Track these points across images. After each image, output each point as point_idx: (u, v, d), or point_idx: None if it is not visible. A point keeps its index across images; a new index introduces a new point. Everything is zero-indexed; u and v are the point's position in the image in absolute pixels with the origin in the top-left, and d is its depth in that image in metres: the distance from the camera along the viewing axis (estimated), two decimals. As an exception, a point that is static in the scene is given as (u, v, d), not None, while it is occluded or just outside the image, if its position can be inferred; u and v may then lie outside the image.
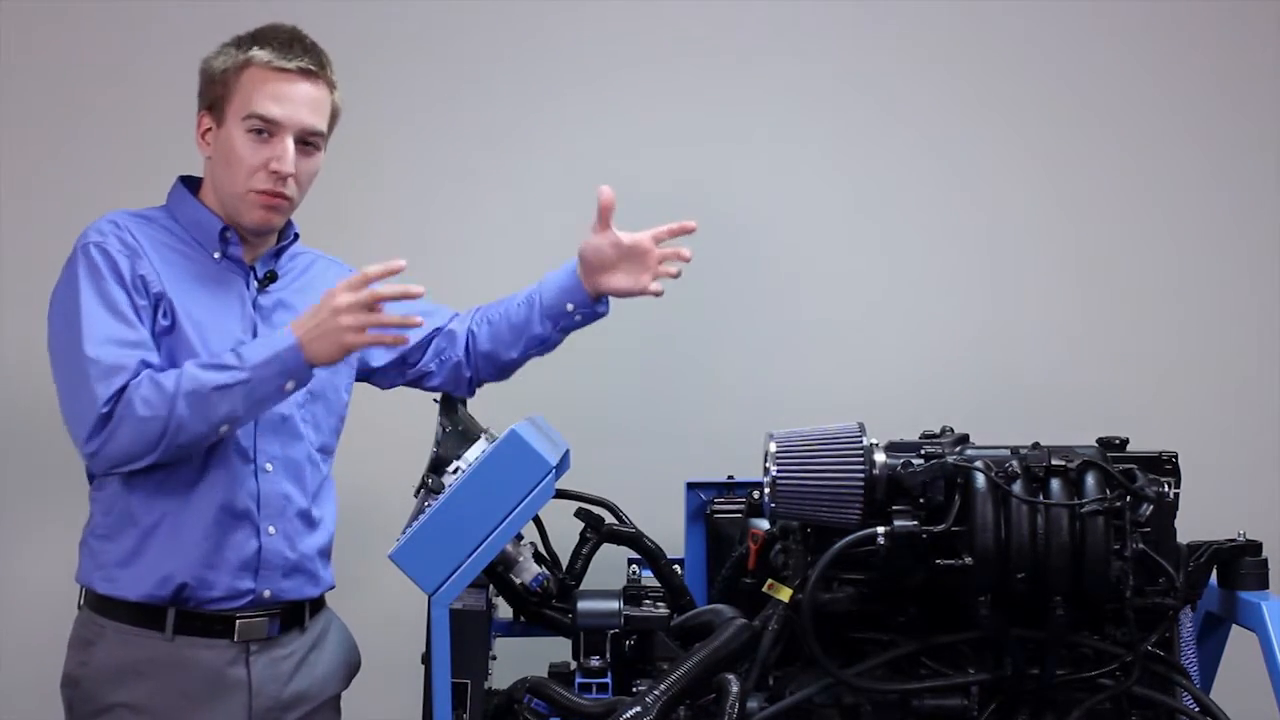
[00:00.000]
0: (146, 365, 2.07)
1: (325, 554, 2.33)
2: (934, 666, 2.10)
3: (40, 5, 3.03)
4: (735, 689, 1.96)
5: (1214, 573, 2.22)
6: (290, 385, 2.07)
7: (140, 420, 2.01)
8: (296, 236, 2.33)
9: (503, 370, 2.46)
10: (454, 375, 2.44)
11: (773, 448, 2.09)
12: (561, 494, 2.34)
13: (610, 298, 2.40)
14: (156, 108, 3.02)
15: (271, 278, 2.26)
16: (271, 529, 2.19)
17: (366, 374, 2.44)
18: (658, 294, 2.37)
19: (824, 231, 3.11)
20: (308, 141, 2.19)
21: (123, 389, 2.02)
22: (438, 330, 2.45)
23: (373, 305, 2.04)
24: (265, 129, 2.14)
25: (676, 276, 2.39)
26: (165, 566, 2.12)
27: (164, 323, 2.13)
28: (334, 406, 2.33)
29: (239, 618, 2.16)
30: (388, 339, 2.10)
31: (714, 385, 3.08)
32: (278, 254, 2.29)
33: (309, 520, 2.27)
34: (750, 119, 3.10)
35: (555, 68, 3.09)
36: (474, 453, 2.19)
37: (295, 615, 2.25)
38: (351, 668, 2.40)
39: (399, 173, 3.06)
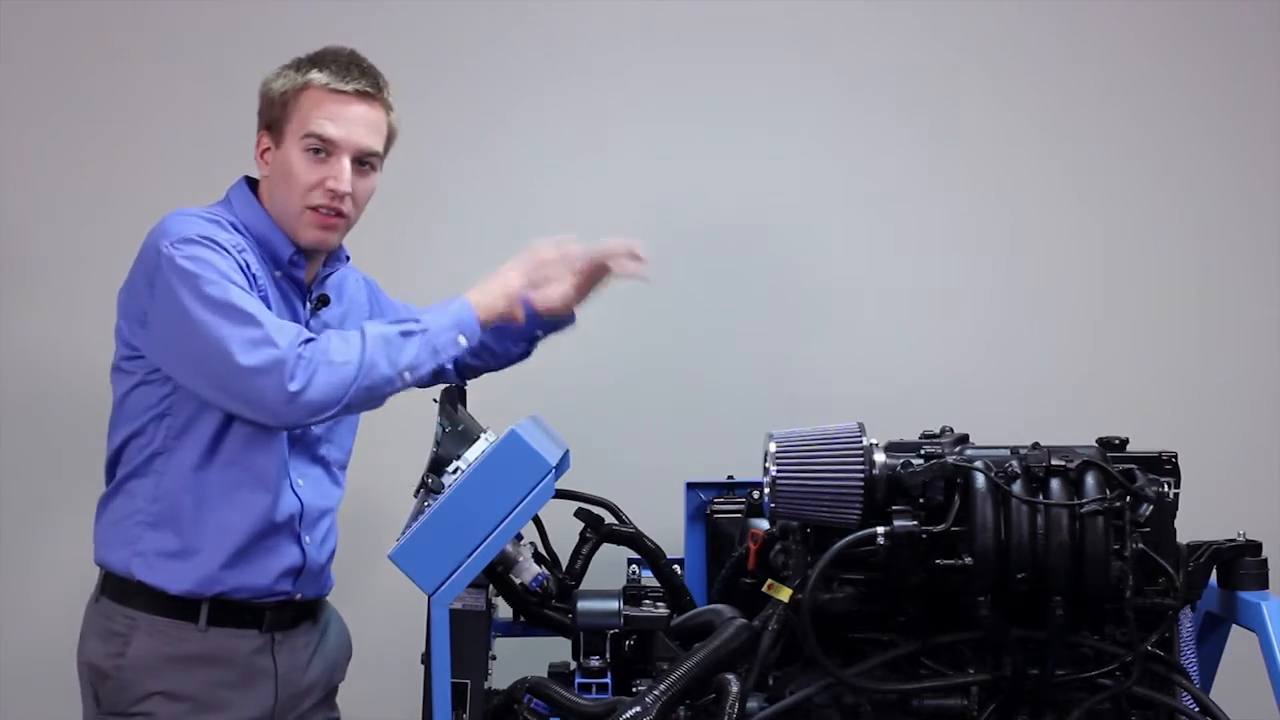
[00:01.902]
0: (310, 337, 2.09)
1: (333, 555, 2.41)
2: (934, 666, 2.10)
3: (40, 5, 3.03)
4: (735, 689, 1.96)
5: (1214, 573, 2.22)
6: (462, 339, 2.17)
7: (335, 366, 2.04)
8: (348, 259, 2.38)
9: (481, 373, 2.57)
10: (442, 379, 2.48)
11: (773, 448, 2.09)
12: (561, 494, 2.34)
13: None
14: (156, 107, 3.03)
15: (325, 301, 2.32)
16: (308, 538, 2.27)
17: None
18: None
19: (824, 231, 3.11)
20: (364, 161, 2.23)
21: (305, 340, 2.05)
22: None
23: (542, 264, 2.27)
24: (323, 148, 2.19)
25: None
26: (210, 567, 2.16)
27: None
28: (351, 424, 2.41)
29: (268, 609, 2.23)
30: (550, 294, 2.28)
31: (714, 385, 3.08)
32: (326, 277, 2.34)
33: (330, 531, 2.36)
34: (755, 118, 3.09)
35: (552, 67, 3.09)
36: (474, 453, 2.19)
37: (309, 608, 2.33)
38: (349, 658, 2.47)
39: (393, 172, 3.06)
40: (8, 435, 3.01)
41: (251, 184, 2.28)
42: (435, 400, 2.31)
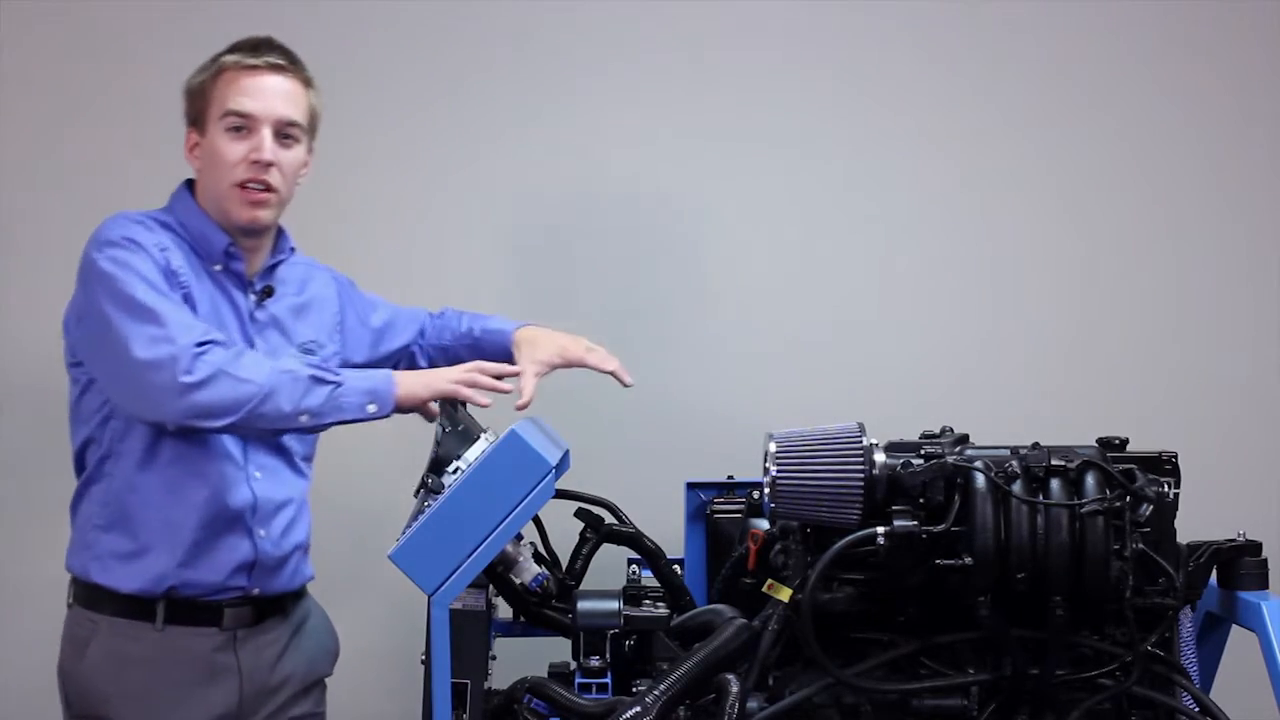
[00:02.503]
0: (223, 342, 2.13)
1: (305, 549, 2.41)
2: (934, 666, 2.10)
3: (40, 5, 3.04)
4: (735, 689, 1.96)
5: (1214, 573, 2.22)
6: (372, 407, 2.15)
7: (239, 381, 2.06)
8: (293, 250, 2.40)
9: None
10: None
11: (773, 448, 2.09)
12: (561, 494, 2.34)
13: None
14: (157, 106, 3.03)
15: (268, 292, 2.32)
16: (263, 532, 2.27)
17: None
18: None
19: (824, 232, 3.11)
20: (286, 134, 2.25)
21: (210, 340, 2.08)
22: (404, 349, 2.55)
23: (475, 379, 2.21)
24: (242, 124, 2.22)
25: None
26: (161, 565, 2.19)
27: None
28: None
29: (226, 606, 2.24)
30: (479, 399, 2.21)
31: (714, 385, 3.08)
32: (273, 268, 2.35)
33: (293, 522, 2.34)
34: (749, 121, 3.09)
35: (548, 67, 3.08)
36: (474, 453, 2.19)
37: (278, 604, 2.33)
38: (333, 653, 2.47)
39: (379, 171, 3.06)
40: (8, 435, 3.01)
41: (191, 186, 2.32)
42: (435, 400, 2.31)
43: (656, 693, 1.96)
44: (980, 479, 2.01)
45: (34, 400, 2.97)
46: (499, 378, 2.23)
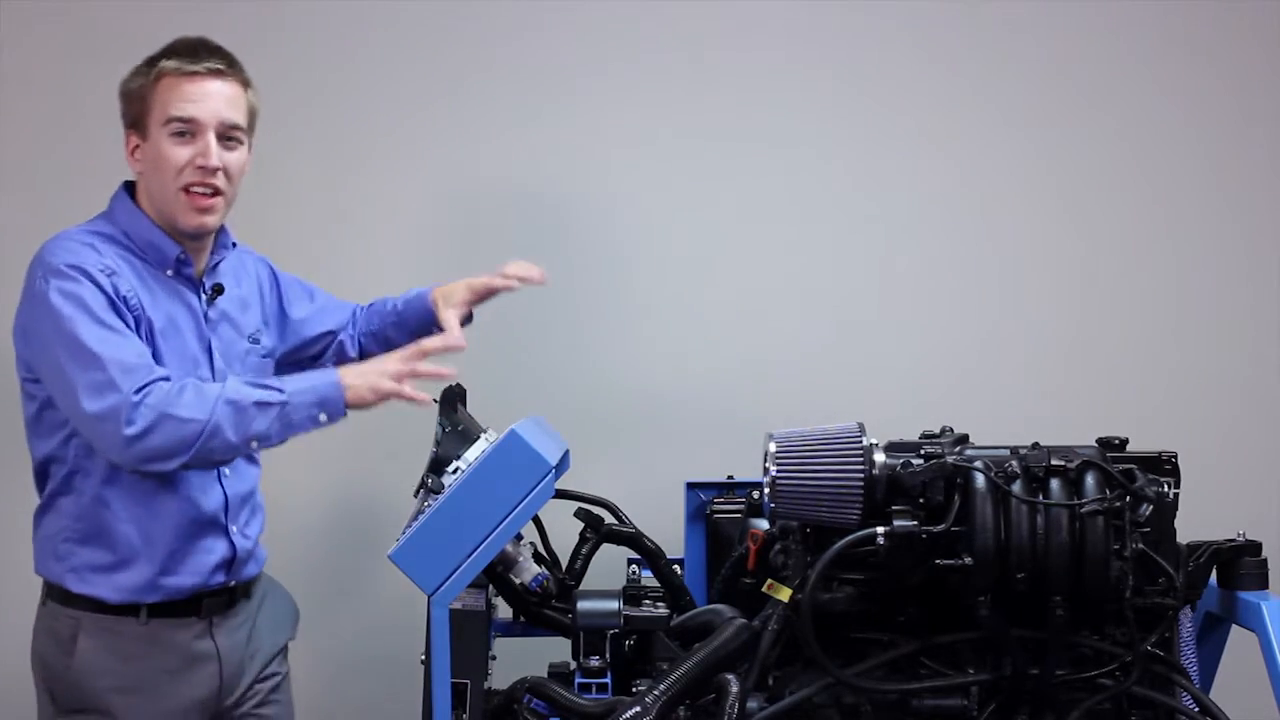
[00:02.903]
0: (164, 378, 2.12)
1: (261, 531, 2.45)
2: (934, 666, 2.10)
3: (40, 5, 3.04)
4: (735, 689, 1.96)
5: (1214, 573, 2.22)
6: (323, 417, 2.15)
7: (181, 422, 2.07)
8: (234, 245, 2.41)
9: None
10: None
11: (773, 448, 2.09)
12: (561, 494, 2.34)
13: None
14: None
15: (219, 290, 2.35)
16: (234, 528, 2.32)
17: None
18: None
19: (824, 232, 3.11)
20: (229, 137, 2.26)
21: (150, 383, 2.08)
22: (332, 335, 2.55)
23: (415, 369, 2.19)
24: (186, 129, 2.23)
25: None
26: (144, 575, 2.22)
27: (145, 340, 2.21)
28: None
29: (205, 598, 2.29)
30: (417, 397, 2.19)
31: (714, 385, 3.08)
32: (217, 265, 2.36)
33: (254, 511, 2.40)
34: (749, 121, 3.09)
35: (548, 67, 3.08)
36: (474, 453, 2.19)
37: (244, 589, 2.38)
38: (293, 617, 2.52)
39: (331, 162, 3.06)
40: None
41: (130, 189, 2.31)
42: (435, 400, 2.31)
43: (656, 693, 1.96)
44: (980, 479, 2.01)
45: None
46: (432, 355, 2.22)
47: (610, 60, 3.08)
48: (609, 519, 2.46)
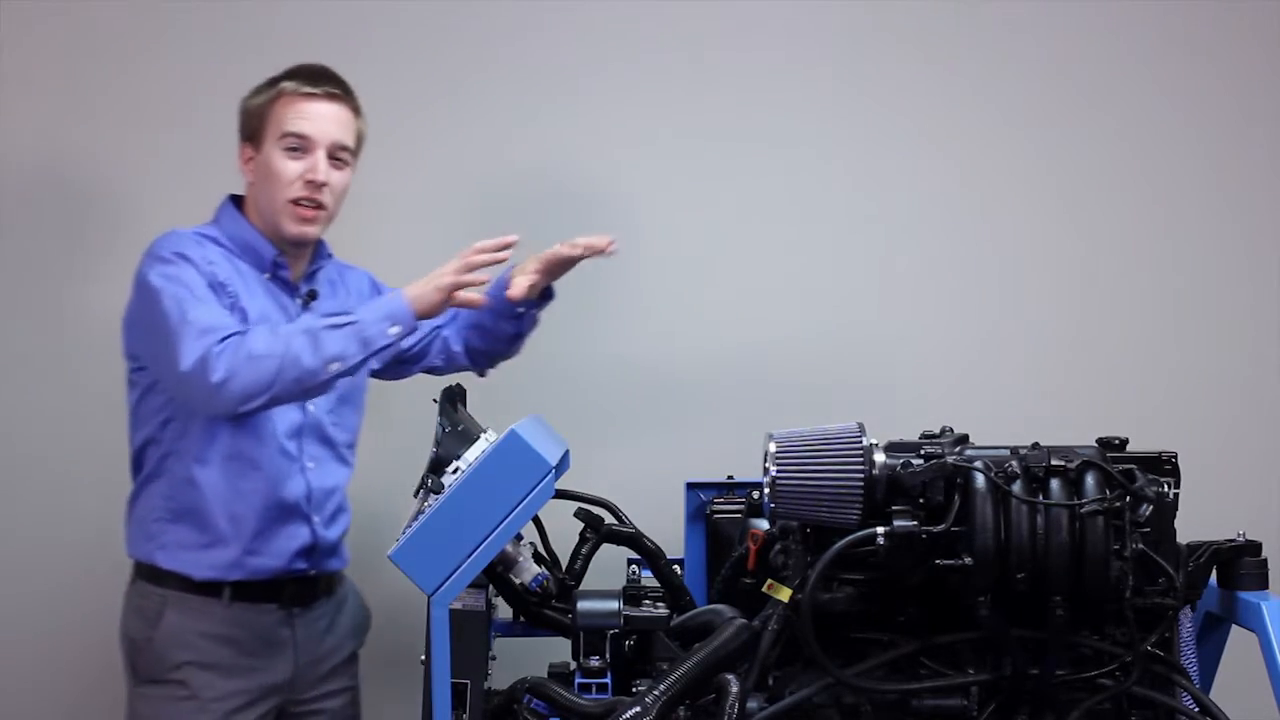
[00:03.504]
0: (240, 331, 2.26)
1: (347, 534, 2.58)
2: (934, 666, 2.10)
3: (40, 5, 3.03)
4: (735, 689, 1.96)
5: (1214, 573, 2.22)
6: (395, 329, 2.27)
7: (258, 359, 2.20)
8: (330, 256, 2.57)
9: (497, 358, 2.67)
10: (456, 364, 2.65)
11: (773, 448, 2.09)
12: (561, 494, 2.34)
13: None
14: (157, 106, 3.03)
15: (313, 295, 2.50)
16: (317, 518, 2.44)
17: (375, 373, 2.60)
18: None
19: (824, 232, 3.11)
20: (337, 157, 2.43)
21: (228, 336, 2.22)
22: (437, 330, 2.63)
23: (472, 266, 2.32)
24: (299, 145, 2.40)
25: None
26: (230, 554, 2.37)
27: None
28: (358, 407, 2.57)
29: (286, 585, 2.43)
30: (474, 298, 2.34)
31: (714, 385, 3.08)
32: (314, 274, 2.52)
33: (342, 508, 2.53)
34: (749, 121, 3.09)
35: (548, 67, 3.08)
36: (474, 453, 2.19)
37: (327, 583, 2.51)
38: (365, 627, 2.64)
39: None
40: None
41: (236, 200, 2.49)
42: (435, 400, 2.31)
43: (656, 693, 1.96)
44: (980, 479, 2.01)
45: (24, 396, 2.99)
46: (484, 252, 2.32)
47: (610, 60, 3.09)
48: (609, 519, 2.46)
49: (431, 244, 2.99)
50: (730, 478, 2.57)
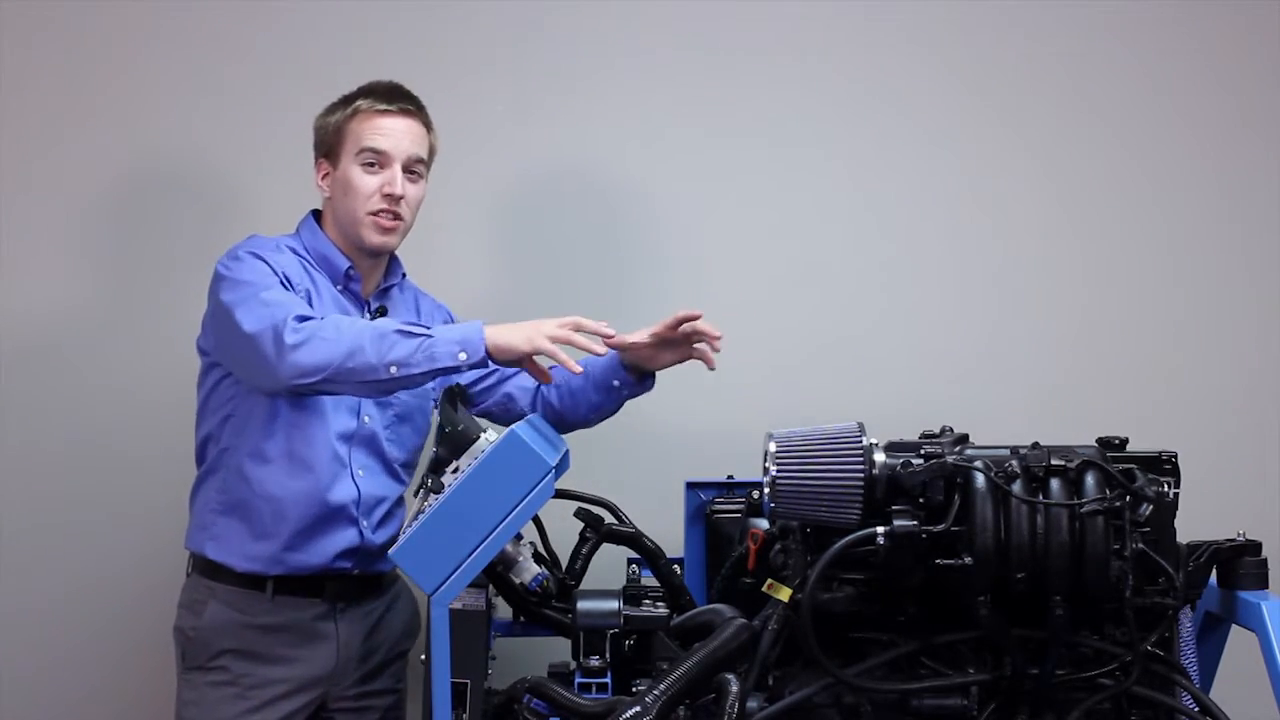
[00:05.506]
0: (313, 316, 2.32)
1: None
2: (934, 666, 2.10)
3: (40, 5, 3.03)
4: (735, 689, 1.96)
5: (1214, 572, 2.22)
6: (463, 355, 2.25)
7: (327, 340, 2.24)
8: (404, 276, 2.64)
9: (569, 428, 2.63)
10: (515, 416, 2.57)
11: (772, 448, 2.09)
12: (561, 494, 2.34)
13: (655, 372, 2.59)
14: (157, 106, 3.03)
15: (383, 312, 2.56)
16: (366, 523, 2.47)
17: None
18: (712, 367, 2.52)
19: (824, 232, 3.11)
20: (413, 170, 2.51)
21: (305, 316, 2.27)
22: (503, 381, 2.65)
23: (570, 336, 2.31)
24: (376, 160, 2.48)
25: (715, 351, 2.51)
26: (271, 549, 2.41)
27: None
28: (419, 428, 2.60)
29: (329, 581, 2.46)
30: (569, 363, 2.31)
31: (714, 385, 3.07)
32: (386, 290, 2.59)
33: (390, 515, 2.54)
34: (750, 120, 3.09)
35: (548, 67, 3.08)
36: (474, 453, 2.19)
37: (375, 582, 2.54)
38: (414, 629, 2.66)
39: None
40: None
41: (317, 217, 2.57)
42: (435, 401, 2.31)
43: (656, 693, 1.96)
44: (980, 479, 2.01)
45: (31, 394, 2.98)
46: (586, 330, 2.33)
47: (611, 60, 3.08)
48: (609, 519, 2.46)
49: (430, 244, 3.00)
50: (730, 478, 2.57)
